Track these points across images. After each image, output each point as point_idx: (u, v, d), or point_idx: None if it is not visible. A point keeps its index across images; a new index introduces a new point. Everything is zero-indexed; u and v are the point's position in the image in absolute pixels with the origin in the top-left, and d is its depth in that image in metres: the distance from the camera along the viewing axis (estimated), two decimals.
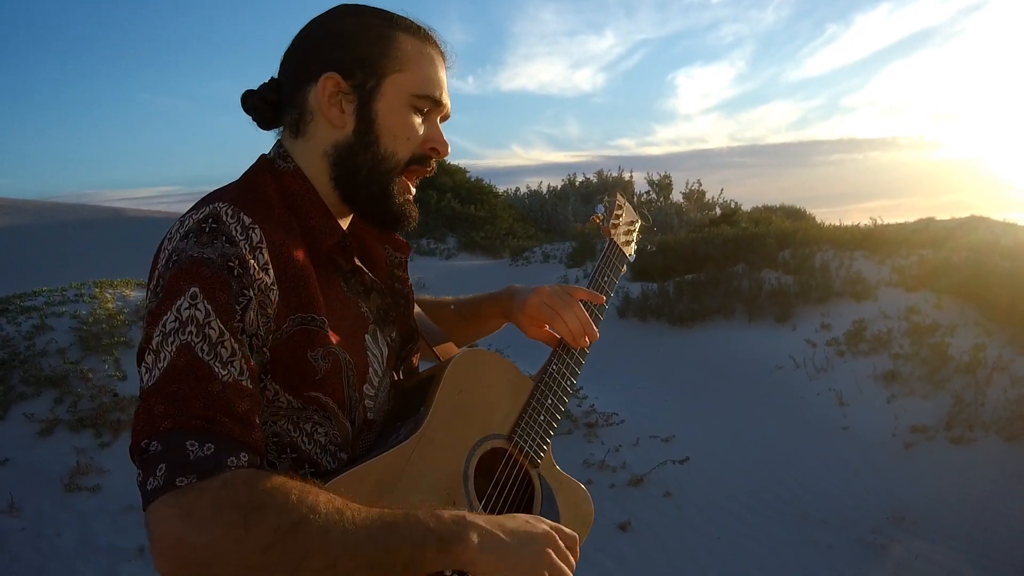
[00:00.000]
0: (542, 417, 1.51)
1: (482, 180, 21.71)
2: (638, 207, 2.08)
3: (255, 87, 1.37)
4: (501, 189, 22.46)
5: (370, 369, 1.32)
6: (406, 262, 1.49)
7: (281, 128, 1.38)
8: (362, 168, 1.32)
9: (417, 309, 1.56)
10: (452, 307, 1.76)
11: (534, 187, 23.24)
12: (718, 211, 19.85)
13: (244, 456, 1.05)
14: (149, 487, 1.00)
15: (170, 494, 0.98)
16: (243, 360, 1.10)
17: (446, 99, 1.38)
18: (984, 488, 5.63)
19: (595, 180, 22.38)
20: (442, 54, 1.39)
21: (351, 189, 1.34)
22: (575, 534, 1.31)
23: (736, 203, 20.49)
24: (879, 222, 11.58)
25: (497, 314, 1.71)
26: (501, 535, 1.18)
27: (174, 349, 1.07)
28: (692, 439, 6.36)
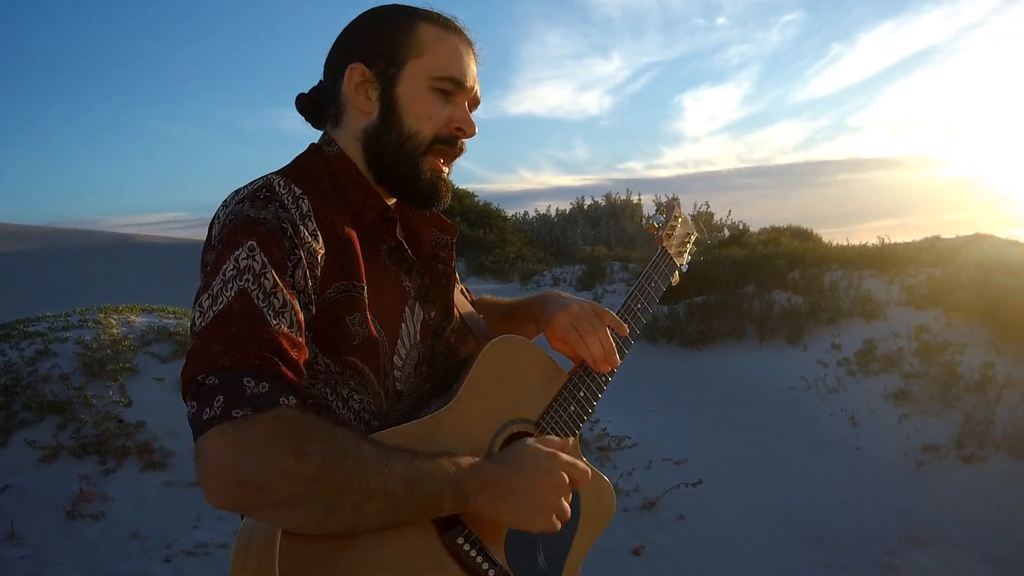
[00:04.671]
0: (572, 408, 1.54)
1: (490, 204, 21.78)
2: (696, 222, 2.11)
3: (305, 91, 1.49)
4: (509, 213, 22.51)
5: (399, 341, 1.39)
6: (453, 243, 1.55)
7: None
8: (388, 147, 1.41)
9: (470, 308, 1.63)
10: (497, 307, 1.82)
11: (542, 211, 23.29)
12: (726, 232, 19.81)
13: (293, 398, 1.11)
14: (205, 416, 1.06)
15: (227, 423, 1.05)
16: (293, 312, 1.18)
17: (470, 82, 1.44)
18: (996, 506, 5.54)
19: (603, 203, 22.39)
20: (466, 41, 1.47)
21: (381, 168, 1.43)
22: (587, 469, 1.38)
23: (744, 224, 20.46)
24: (886, 241, 11.53)
25: (530, 319, 1.74)
26: (511, 487, 1.27)
27: (232, 294, 1.15)
28: (705, 462, 6.29)
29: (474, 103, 1.48)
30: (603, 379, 1.60)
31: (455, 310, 1.54)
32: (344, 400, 1.32)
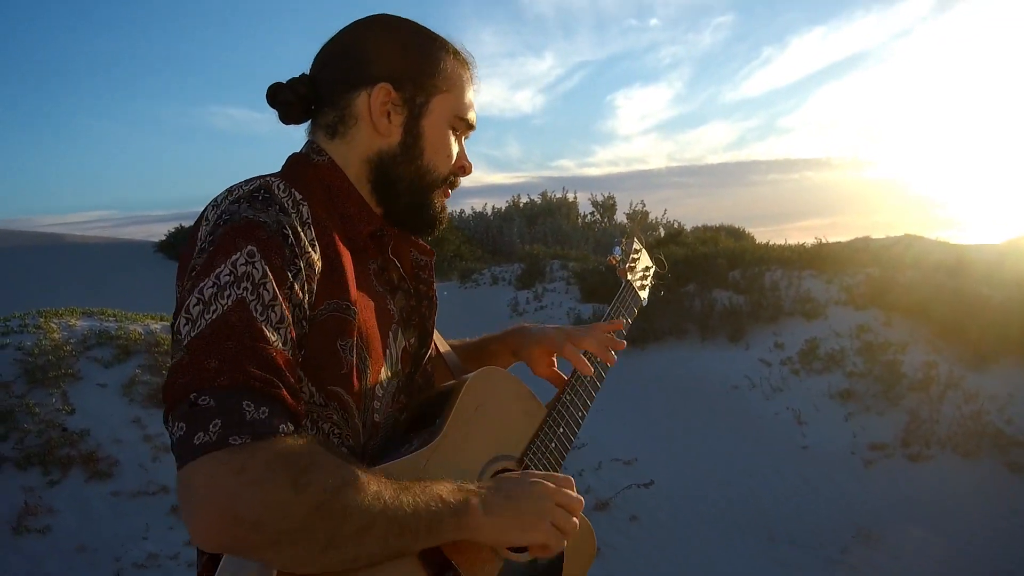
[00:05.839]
0: (553, 444, 1.51)
1: None
2: (654, 254, 2.08)
3: (283, 81, 1.38)
4: None
5: (383, 369, 1.32)
6: (432, 266, 1.49)
7: (310, 127, 1.41)
8: (404, 179, 1.37)
9: (441, 339, 1.58)
10: (463, 347, 1.75)
11: (478, 208, 23.17)
12: (662, 232, 19.99)
13: (291, 425, 1.04)
14: (197, 441, 0.97)
15: (223, 451, 0.97)
16: (288, 329, 1.10)
17: (476, 122, 1.46)
18: (944, 504, 5.67)
19: (539, 201, 22.39)
20: (473, 75, 1.46)
21: (391, 195, 1.38)
22: (570, 477, 1.36)
23: (680, 223, 20.68)
24: (824, 241, 11.73)
25: (506, 351, 1.71)
26: (501, 498, 1.23)
27: (230, 302, 1.05)
28: (654, 461, 6.33)
29: (468, 137, 1.49)
30: (579, 415, 1.59)
31: (432, 338, 1.49)
32: (324, 435, 1.23)
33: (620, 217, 21.68)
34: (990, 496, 5.72)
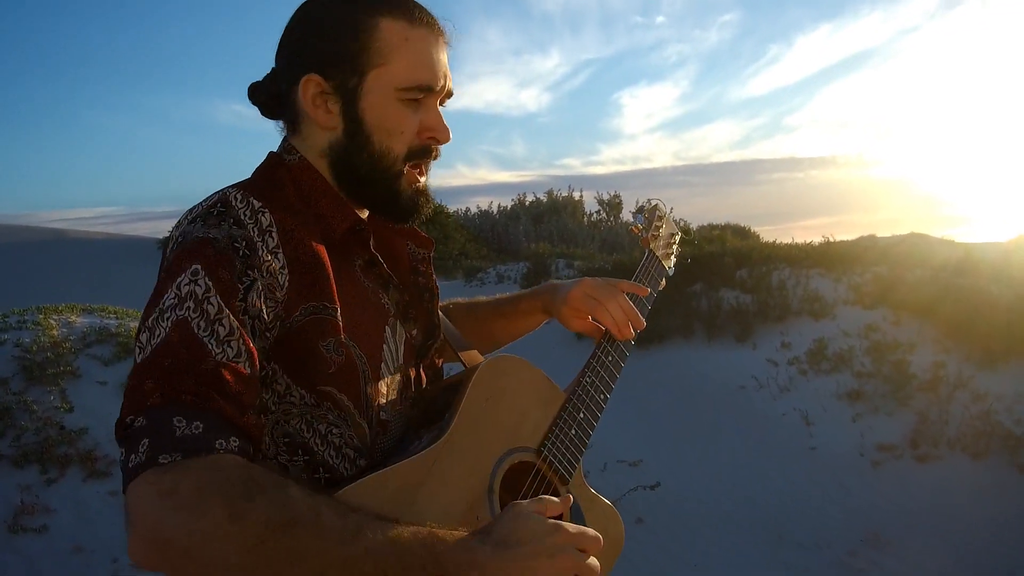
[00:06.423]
0: (573, 431, 1.43)
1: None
2: (678, 221, 1.99)
3: (259, 79, 1.34)
4: (450, 209, 22.31)
5: (383, 365, 1.26)
6: (430, 257, 1.43)
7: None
8: (360, 167, 1.28)
9: (445, 320, 1.51)
10: (489, 305, 1.71)
11: (483, 207, 23.09)
12: None
13: (235, 440, 0.98)
14: (130, 464, 0.93)
15: (152, 471, 0.91)
16: (241, 341, 1.05)
17: (440, 82, 1.30)
18: (954, 506, 5.59)
19: (545, 200, 22.32)
20: (435, 30, 1.30)
21: (354, 187, 1.30)
22: (597, 536, 1.14)
23: (686, 222, 20.58)
24: (831, 239, 11.62)
25: (537, 309, 1.66)
26: (505, 568, 1.03)
27: (169, 324, 1.02)
28: (660, 463, 6.26)
29: (446, 96, 1.34)
30: (602, 398, 1.52)
31: (439, 327, 1.42)
32: (323, 436, 1.18)
33: (626, 216, 21.59)
34: (999, 496, 5.63)
